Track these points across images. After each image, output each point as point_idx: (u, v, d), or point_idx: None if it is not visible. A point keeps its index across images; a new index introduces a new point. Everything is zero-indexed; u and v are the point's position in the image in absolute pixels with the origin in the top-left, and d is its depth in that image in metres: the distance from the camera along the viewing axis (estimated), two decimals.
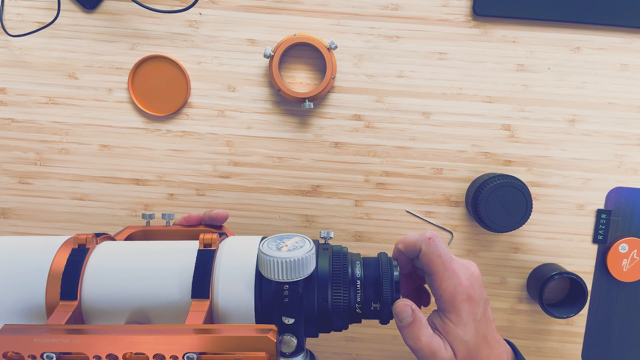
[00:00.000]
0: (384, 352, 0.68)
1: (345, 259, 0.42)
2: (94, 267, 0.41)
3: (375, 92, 0.63)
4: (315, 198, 0.65)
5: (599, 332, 0.66)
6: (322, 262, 0.41)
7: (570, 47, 0.61)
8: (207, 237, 0.41)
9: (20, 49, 0.63)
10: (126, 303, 0.40)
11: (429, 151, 0.64)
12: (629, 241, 0.63)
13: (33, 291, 0.40)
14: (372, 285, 0.41)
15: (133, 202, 0.65)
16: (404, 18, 0.61)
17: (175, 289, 0.40)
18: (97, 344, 0.35)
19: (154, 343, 0.35)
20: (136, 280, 0.40)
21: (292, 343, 0.39)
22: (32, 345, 0.35)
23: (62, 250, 0.41)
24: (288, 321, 0.39)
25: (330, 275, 0.41)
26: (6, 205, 0.66)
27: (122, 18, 0.62)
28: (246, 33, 0.62)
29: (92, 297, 0.40)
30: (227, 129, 0.64)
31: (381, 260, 0.43)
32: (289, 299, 0.39)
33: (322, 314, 0.40)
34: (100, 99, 0.63)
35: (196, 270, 0.40)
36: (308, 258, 0.38)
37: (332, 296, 0.40)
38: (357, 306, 0.41)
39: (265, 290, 0.40)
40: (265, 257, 0.37)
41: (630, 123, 0.62)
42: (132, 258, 0.42)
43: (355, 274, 0.41)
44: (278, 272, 0.37)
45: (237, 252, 0.42)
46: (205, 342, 0.35)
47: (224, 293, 0.40)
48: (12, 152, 0.64)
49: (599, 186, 0.63)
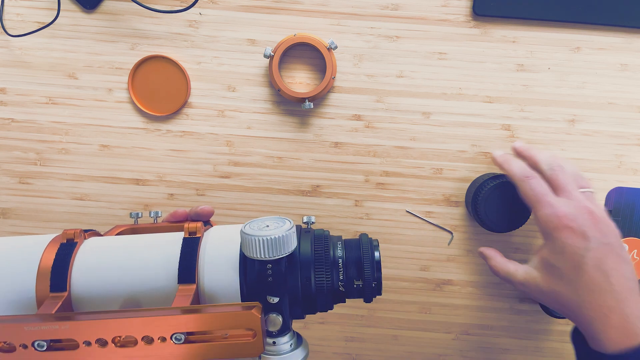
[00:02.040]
0: (384, 352, 0.68)
1: (327, 241, 0.43)
2: (83, 260, 0.42)
3: (375, 92, 0.63)
4: (315, 198, 0.65)
5: None
6: (304, 244, 0.42)
7: (570, 47, 0.61)
8: (192, 226, 0.43)
9: (20, 49, 0.63)
10: (115, 292, 0.41)
11: (429, 151, 0.64)
12: (629, 241, 0.63)
13: (23, 286, 0.40)
14: (354, 264, 0.42)
15: (133, 202, 0.65)
16: (404, 18, 0.61)
17: (162, 276, 0.41)
18: (86, 329, 0.36)
19: (142, 325, 0.36)
20: (124, 269, 0.41)
21: (277, 321, 0.40)
22: (23, 333, 0.35)
23: (51, 245, 0.42)
24: (273, 300, 0.40)
25: (313, 257, 0.42)
26: (6, 205, 0.66)
27: (122, 18, 0.62)
28: (246, 33, 0.62)
29: (81, 288, 0.41)
30: (227, 129, 0.64)
31: (362, 241, 0.44)
32: (272, 277, 0.40)
33: (306, 294, 0.41)
34: (100, 99, 0.63)
35: (182, 256, 0.41)
36: (288, 236, 0.38)
37: (316, 276, 0.41)
38: (340, 284, 0.42)
39: (249, 271, 0.40)
40: (247, 236, 0.38)
41: (630, 123, 0.62)
42: (119, 250, 0.43)
43: (337, 254, 0.43)
44: (260, 250, 0.38)
45: (221, 238, 0.43)
46: (191, 322, 0.36)
47: (210, 276, 0.41)
48: (12, 152, 0.64)
49: (599, 186, 0.63)
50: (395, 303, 0.66)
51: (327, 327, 0.67)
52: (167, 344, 0.36)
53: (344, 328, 0.67)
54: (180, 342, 0.36)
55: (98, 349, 0.36)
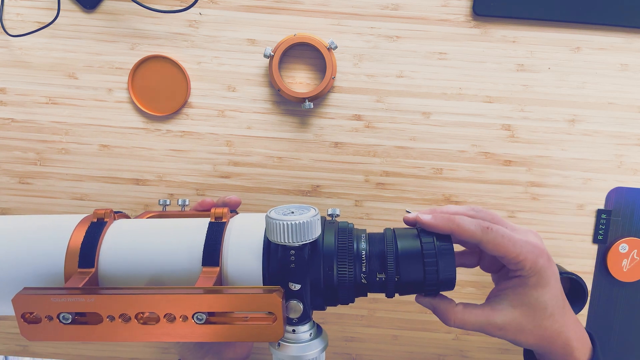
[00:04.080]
0: (384, 352, 0.68)
1: (351, 233, 0.43)
2: (112, 238, 0.42)
3: (375, 92, 0.63)
4: (315, 198, 0.65)
5: (599, 332, 0.65)
6: (328, 235, 0.42)
7: (570, 47, 0.61)
8: (219, 211, 0.43)
9: (20, 49, 0.63)
10: (140, 272, 0.41)
11: (429, 151, 0.64)
12: (629, 241, 0.63)
13: (53, 260, 0.41)
14: (377, 257, 0.42)
15: (133, 202, 0.65)
16: (404, 18, 0.61)
17: (187, 258, 0.41)
18: (111, 303, 0.36)
19: (166, 303, 0.36)
20: (150, 249, 0.42)
21: (297, 308, 0.40)
22: (49, 305, 0.36)
23: (82, 223, 0.43)
24: (294, 287, 0.40)
25: (336, 248, 0.42)
26: (6, 205, 0.66)
27: (122, 18, 0.62)
28: (246, 33, 0.62)
29: (108, 265, 0.41)
30: (227, 129, 0.64)
31: (386, 235, 0.43)
32: (295, 264, 0.40)
33: (328, 284, 0.41)
34: (100, 99, 0.63)
35: (207, 239, 0.41)
36: (313, 222, 0.39)
37: (338, 268, 0.41)
38: (362, 276, 0.42)
39: (272, 257, 0.41)
40: (272, 220, 0.38)
41: (630, 123, 0.62)
42: (147, 231, 0.44)
43: (361, 247, 0.42)
44: (284, 234, 0.38)
45: (246, 224, 0.44)
46: (213, 302, 0.36)
47: (233, 260, 0.41)
48: (12, 152, 0.64)
49: (599, 186, 0.63)
50: (396, 303, 0.66)
51: (327, 327, 0.67)
52: (189, 323, 0.36)
53: (343, 328, 0.67)
54: (201, 322, 0.36)
55: (121, 325, 0.37)
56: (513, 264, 0.42)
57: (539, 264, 0.42)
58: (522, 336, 0.43)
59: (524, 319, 0.43)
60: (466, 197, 0.64)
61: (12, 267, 0.41)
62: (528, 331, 0.43)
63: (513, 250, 0.41)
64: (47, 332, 0.37)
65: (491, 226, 0.42)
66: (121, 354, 0.69)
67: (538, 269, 0.42)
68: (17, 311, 0.36)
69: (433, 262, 0.41)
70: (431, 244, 0.42)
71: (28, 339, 0.37)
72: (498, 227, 0.42)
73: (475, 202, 0.64)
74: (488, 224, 0.42)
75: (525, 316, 0.43)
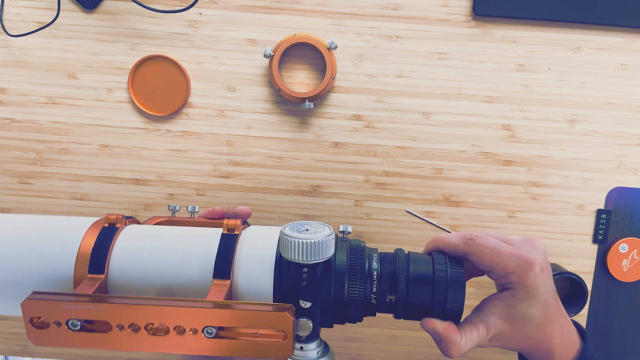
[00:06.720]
0: (384, 352, 0.68)
1: (363, 252, 0.43)
2: (123, 245, 0.42)
3: (375, 92, 0.63)
4: (315, 198, 0.65)
5: (599, 332, 0.65)
6: (340, 253, 0.42)
7: (570, 47, 0.61)
8: (231, 223, 0.43)
9: (20, 49, 0.63)
10: (151, 280, 0.41)
11: (429, 151, 0.64)
12: (629, 241, 0.63)
13: (62, 265, 0.41)
14: (388, 278, 0.42)
15: (133, 202, 0.65)
16: (404, 18, 0.61)
17: (198, 269, 0.41)
18: (121, 312, 0.36)
19: (176, 314, 0.36)
20: (162, 258, 0.42)
21: (307, 326, 0.40)
22: (59, 311, 0.36)
23: (93, 228, 0.43)
24: (305, 304, 0.40)
25: (348, 267, 0.42)
26: (6, 205, 0.66)
27: (122, 18, 0.62)
28: (246, 33, 0.62)
29: (119, 272, 0.41)
30: (227, 129, 0.64)
31: (398, 255, 0.43)
32: (307, 282, 0.40)
33: (338, 302, 0.41)
34: (100, 99, 0.63)
35: (219, 251, 0.41)
36: (327, 242, 0.38)
37: (349, 287, 0.41)
38: (372, 297, 0.42)
39: (284, 273, 0.41)
40: (287, 237, 0.38)
41: (630, 123, 0.62)
42: (159, 239, 0.43)
43: (372, 267, 0.42)
44: (298, 253, 0.38)
45: (259, 237, 0.43)
46: (225, 316, 0.36)
47: (245, 274, 0.41)
48: (12, 152, 0.64)
49: (599, 186, 0.63)
50: None
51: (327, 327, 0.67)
52: (198, 337, 0.36)
53: (344, 328, 0.67)
54: (211, 336, 0.36)
55: (130, 334, 0.36)
56: (501, 277, 0.43)
57: (529, 279, 0.42)
58: (508, 344, 0.44)
59: (511, 330, 0.43)
60: (466, 197, 0.64)
61: (21, 268, 0.41)
62: (515, 340, 0.43)
63: (499, 262, 0.42)
64: (55, 338, 0.36)
65: (475, 238, 0.43)
66: (121, 354, 0.69)
67: (527, 284, 0.42)
68: (26, 316, 0.36)
69: (442, 290, 0.41)
70: (444, 271, 0.42)
71: (35, 344, 0.36)
72: (483, 239, 0.43)
73: (475, 202, 0.64)
74: (473, 236, 0.43)
75: (512, 328, 0.43)
